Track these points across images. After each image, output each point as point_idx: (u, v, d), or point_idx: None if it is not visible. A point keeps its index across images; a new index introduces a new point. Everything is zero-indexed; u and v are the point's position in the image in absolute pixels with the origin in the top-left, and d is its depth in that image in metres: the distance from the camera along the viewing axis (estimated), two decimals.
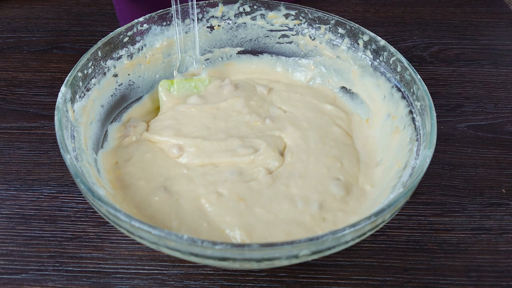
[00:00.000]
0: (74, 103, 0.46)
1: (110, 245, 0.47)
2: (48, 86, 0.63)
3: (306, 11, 0.56)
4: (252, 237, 0.42)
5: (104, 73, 0.50)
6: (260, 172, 0.47)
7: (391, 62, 0.50)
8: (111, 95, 0.52)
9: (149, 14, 0.53)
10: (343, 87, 0.57)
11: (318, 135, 0.51)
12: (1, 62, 0.66)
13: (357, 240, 0.38)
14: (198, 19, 0.56)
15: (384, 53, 0.51)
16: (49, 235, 0.48)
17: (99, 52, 0.49)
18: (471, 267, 0.46)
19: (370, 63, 0.53)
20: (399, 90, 0.49)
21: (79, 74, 0.47)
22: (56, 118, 0.42)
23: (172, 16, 0.53)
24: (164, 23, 0.54)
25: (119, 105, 0.53)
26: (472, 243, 0.48)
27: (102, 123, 0.50)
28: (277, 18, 0.57)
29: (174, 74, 0.55)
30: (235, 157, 0.48)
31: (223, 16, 0.57)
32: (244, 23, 0.57)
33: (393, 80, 0.50)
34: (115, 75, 0.52)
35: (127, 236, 0.47)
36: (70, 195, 0.51)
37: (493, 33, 0.55)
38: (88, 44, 0.69)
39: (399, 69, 0.49)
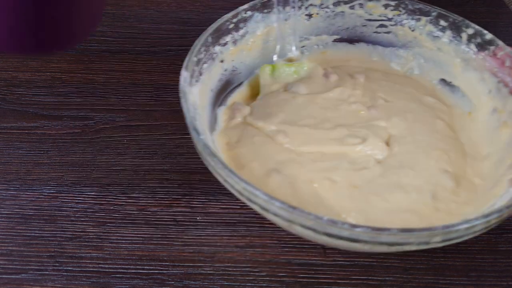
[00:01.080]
0: (192, 87, 0.47)
1: (110, 245, 0.47)
2: (47, 86, 0.63)
3: (406, 2, 0.55)
4: (368, 223, 0.42)
5: (213, 59, 0.51)
6: (369, 161, 0.47)
7: (499, 56, 0.49)
8: (218, 80, 0.53)
9: (253, 2, 0.54)
10: (442, 79, 0.56)
11: (423, 127, 0.50)
12: (1, 62, 0.66)
13: (484, 231, 0.39)
14: (298, 6, 0.56)
15: (491, 47, 0.50)
16: (49, 235, 0.48)
17: (210, 38, 0.50)
18: (471, 267, 0.46)
19: (474, 56, 0.51)
20: (506, 85, 0.49)
21: (194, 59, 0.48)
22: (182, 100, 0.43)
23: (273, 4, 0.54)
24: (266, 10, 0.55)
25: (224, 90, 0.54)
26: (472, 243, 0.48)
27: (212, 106, 0.52)
28: (376, 8, 0.56)
29: (274, 59, 0.56)
30: (343, 146, 0.48)
31: (321, 4, 0.57)
32: (342, 11, 0.57)
33: (500, 74, 0.49)
34: (222, 61, 0.53)
35: (127, 236, 0.47)
36: (70, 195, 0.51)
37: (493, 33, 0.55)
38: (88, 44, 0.69)
39: (508, 63, 0.48)
